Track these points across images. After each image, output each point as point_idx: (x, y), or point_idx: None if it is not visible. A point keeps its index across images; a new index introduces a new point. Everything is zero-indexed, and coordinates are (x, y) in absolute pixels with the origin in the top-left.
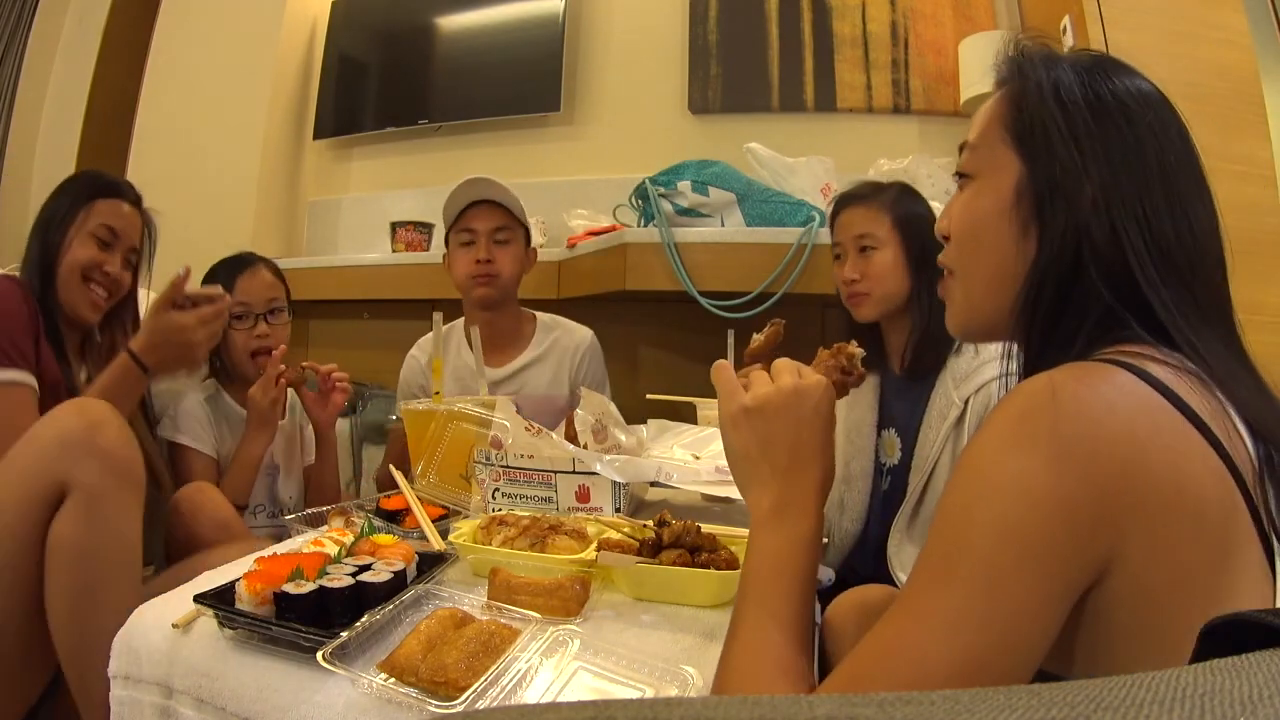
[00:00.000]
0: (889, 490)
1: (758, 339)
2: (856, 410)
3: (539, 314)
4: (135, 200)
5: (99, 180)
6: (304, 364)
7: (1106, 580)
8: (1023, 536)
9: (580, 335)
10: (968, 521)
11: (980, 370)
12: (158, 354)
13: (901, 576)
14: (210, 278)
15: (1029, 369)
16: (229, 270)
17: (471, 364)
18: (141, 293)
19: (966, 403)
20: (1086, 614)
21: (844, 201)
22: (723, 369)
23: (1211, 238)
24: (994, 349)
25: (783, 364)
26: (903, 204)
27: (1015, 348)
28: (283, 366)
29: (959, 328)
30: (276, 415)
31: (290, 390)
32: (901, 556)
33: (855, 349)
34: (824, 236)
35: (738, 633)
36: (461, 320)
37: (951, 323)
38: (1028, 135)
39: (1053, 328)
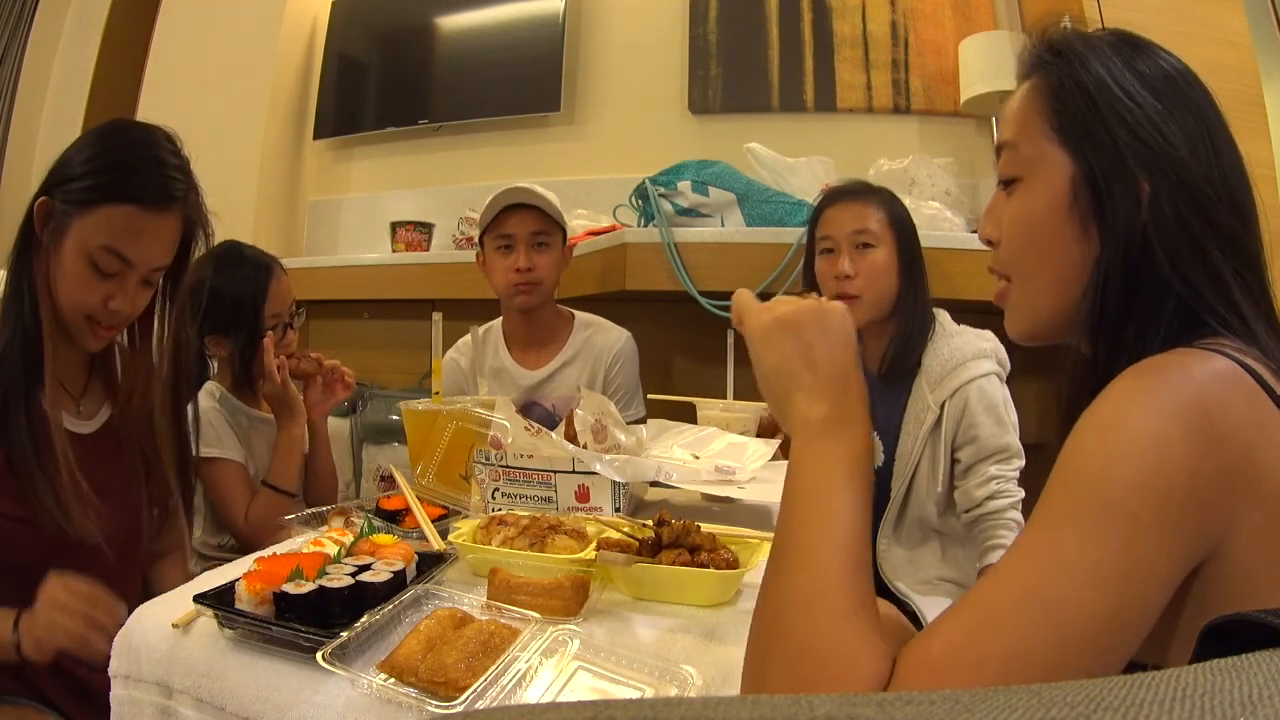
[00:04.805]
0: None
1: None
2: None
3: (578, 313)
4: (178, 196)
5: (114, 163)
6: (312, 354)
7: (1215, 560)
8: (1163, 497)
9: (614, 336)
10: (1109, 476)
11: (954, 374)
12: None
13: (891, 579)
14: (234, 275)
15: (1105, 367)
16: (260, 277)
17: (509, 365)
18: None
19: (942, 407)
20: (1191, 597)
21: (836, 196)
22: (741, 292)
23: (1252, 217)
24: (968, 350)
25: (788, 297)
26: (895, 205)
27: (1000, 350)
28: (282, 358)
29: (1024, 333)
30: (296, 396)
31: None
32: (890, 560)
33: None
34: None
35: (798, 560)
36: (498, 322)
37: (1015, 328)
38: (1073, 129)
39: (1125, 323)
